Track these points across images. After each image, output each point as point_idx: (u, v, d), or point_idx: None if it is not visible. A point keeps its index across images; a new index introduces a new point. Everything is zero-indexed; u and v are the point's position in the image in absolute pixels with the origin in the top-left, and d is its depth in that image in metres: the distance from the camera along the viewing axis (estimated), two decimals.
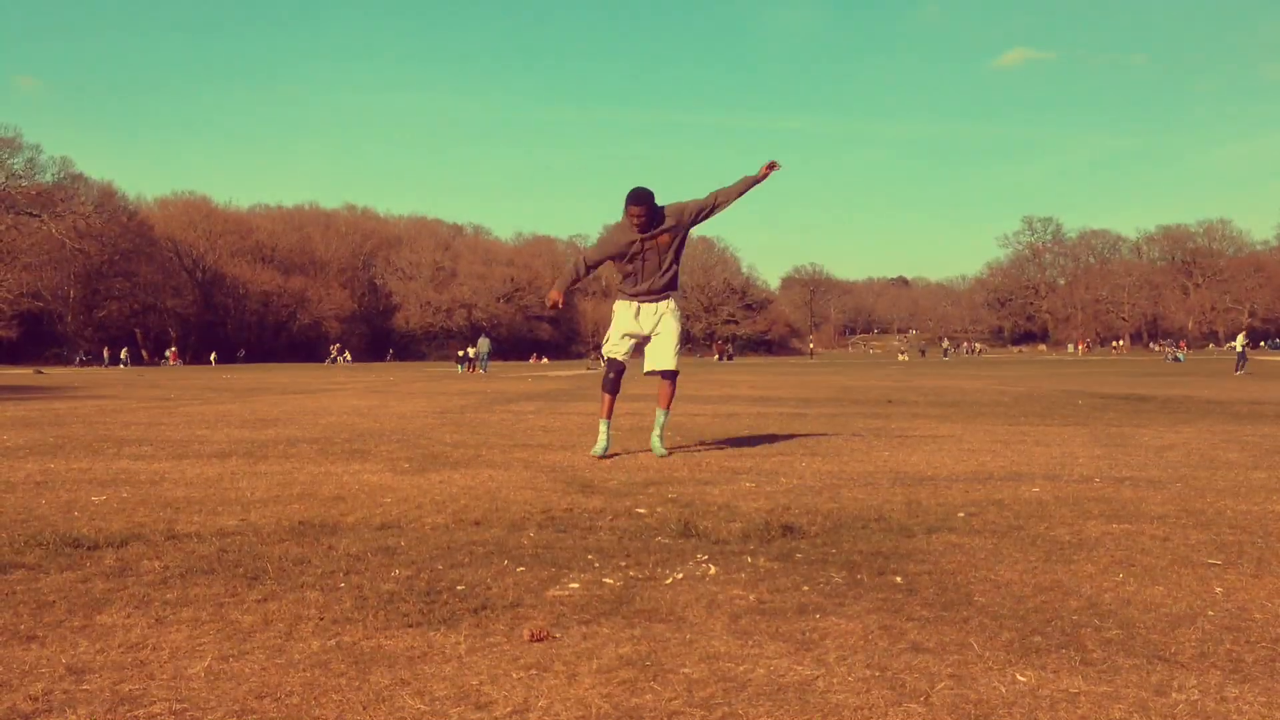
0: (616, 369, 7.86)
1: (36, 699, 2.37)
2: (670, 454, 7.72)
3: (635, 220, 7.50)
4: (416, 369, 50.55)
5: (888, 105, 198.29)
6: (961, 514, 4.99)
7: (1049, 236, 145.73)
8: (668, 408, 7.89)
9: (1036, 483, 6.12)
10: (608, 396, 7.84)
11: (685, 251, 7.93)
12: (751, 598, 3.34)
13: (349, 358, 77.44)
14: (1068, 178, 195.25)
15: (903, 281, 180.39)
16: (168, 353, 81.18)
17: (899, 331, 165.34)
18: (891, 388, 21.62)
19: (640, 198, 7.46)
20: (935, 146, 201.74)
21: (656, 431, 7.87)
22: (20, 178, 78.46)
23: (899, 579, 3.61)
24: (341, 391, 20.78)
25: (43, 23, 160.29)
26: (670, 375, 7.77)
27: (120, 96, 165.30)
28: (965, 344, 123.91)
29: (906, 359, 77.28)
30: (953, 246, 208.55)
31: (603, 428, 7.78)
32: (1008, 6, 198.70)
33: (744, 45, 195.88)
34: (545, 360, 76.02)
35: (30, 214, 77.39)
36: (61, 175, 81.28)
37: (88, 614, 3.10)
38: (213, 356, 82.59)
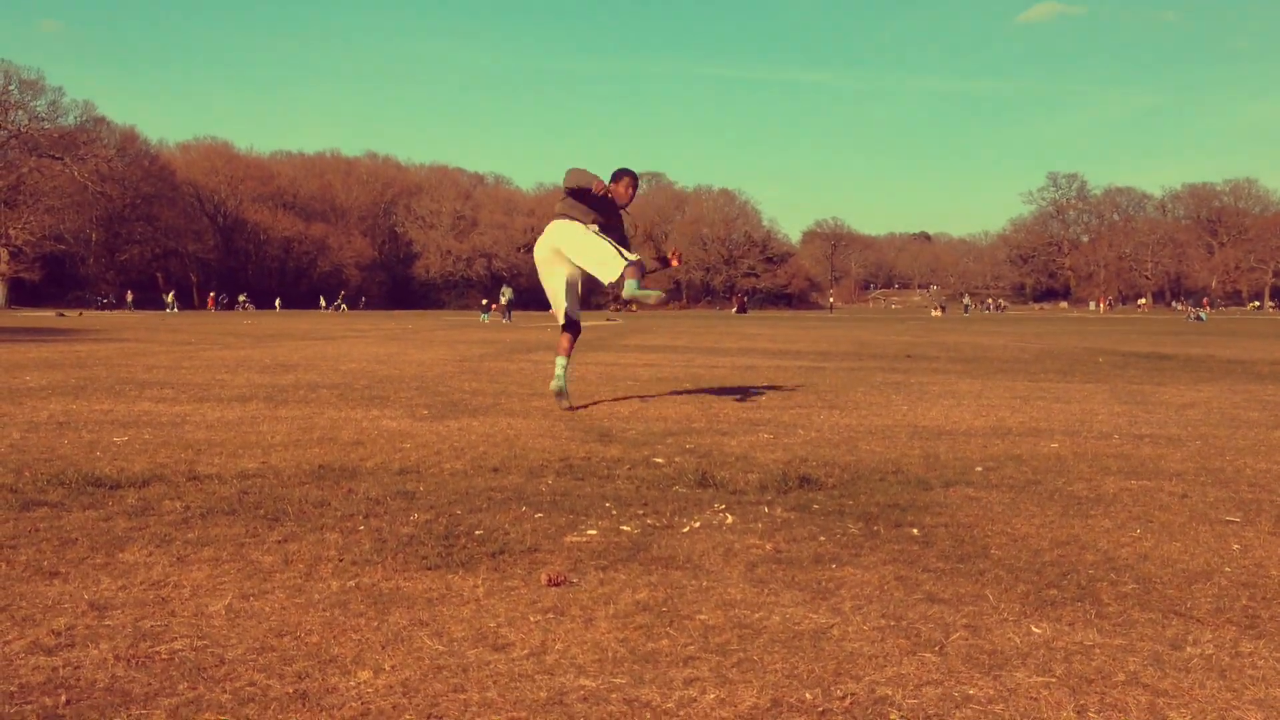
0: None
1: (59, 633, 2.41)
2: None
3: (628, 192, 7.75)
4: (436, 317, 50.64)
5: (912, 60, 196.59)
6: (979, 468, 4.99)
7: (1073, 193, 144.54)
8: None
9: (1055, 438, 6.11)
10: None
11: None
12: (768, 547, 3.35)
13: (344, 307, 77.30)
14: (1094, 134, 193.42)
15: (925, 237, 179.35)
16: (208, 298, 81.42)
17: (920, 287, 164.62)
18: (911, 342, 21.57)
19: (636, 181, 7.92)
20: (960, 101, 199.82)
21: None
22: (43, 120, 78.53)
23: (915, 531, 3.61)
24: (361, 338, 20.84)
25: None
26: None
27: (143, 40, 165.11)
28: (992, 300, 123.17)
29: (941, 314, 76.63)
30: (976, 202, 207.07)
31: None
32: None
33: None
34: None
35: (53, 157, 77.46)
36: (84, 118, 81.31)
37: (110, 552, 3.13)
38: (241, 298, 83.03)
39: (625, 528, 3.58)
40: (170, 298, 74.19)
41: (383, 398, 8.09)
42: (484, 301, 52.89)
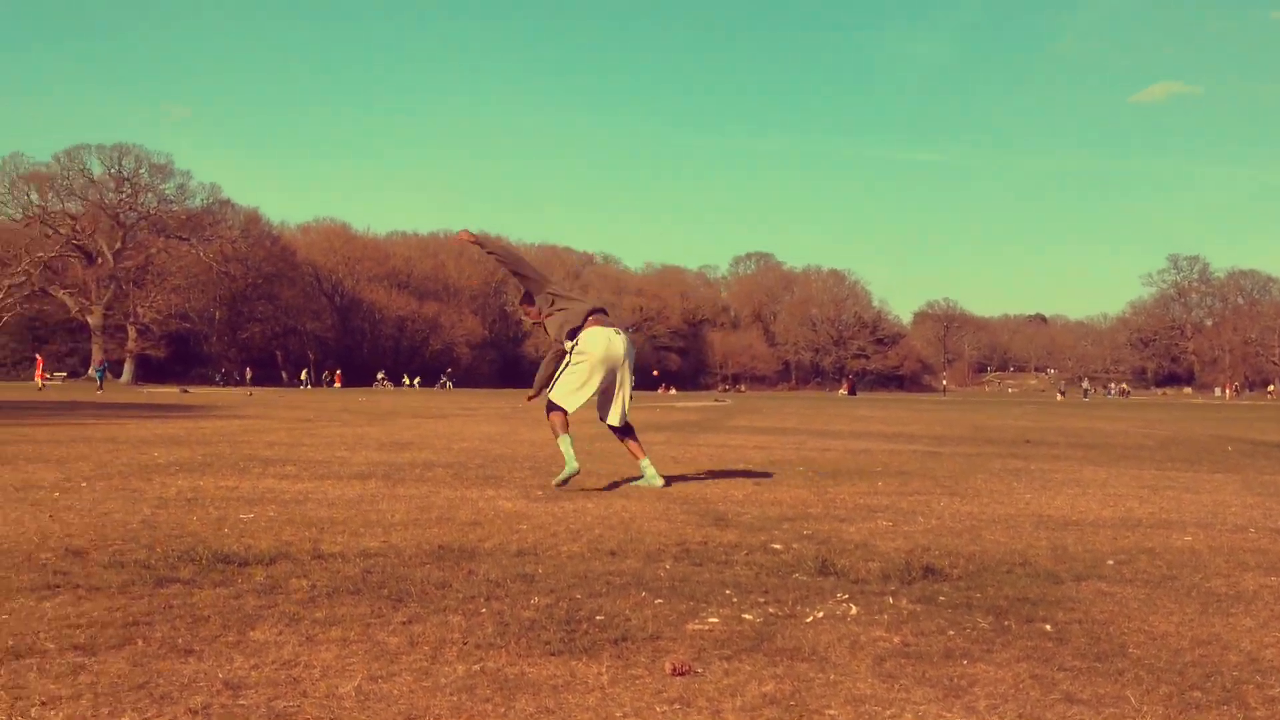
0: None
1: (196, 712, 2.44)
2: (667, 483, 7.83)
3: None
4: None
5: (1024, 138, 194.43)
6: (1110, 561, 4.84)
7: (1195, 275, 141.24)
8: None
9: (1188, 531, 5.90)
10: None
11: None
12: (896, 640, 3.28)
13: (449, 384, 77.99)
14: (1215, 215, 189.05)
15: (1040, 319, 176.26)
16: (335, 375, 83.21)
17: (1036, 370, 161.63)
18: (1029, 427, 21.12)
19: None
20: (1075, 181, 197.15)
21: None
22: (171, 202, 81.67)
23: (1048, 627, 3.50)
24: (472, 416, 21.10)
25: (194, 53, 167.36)
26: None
27: (266, 125, 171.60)
28: (1114, 384, 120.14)
29: (1062, 398, 75.08)
30: (1093, 284, 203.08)
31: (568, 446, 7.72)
32: (1150, 39, 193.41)
33: (875, 77, 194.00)
34: (673, 390, 76.10)
35: (180, 238, 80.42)
36: (210, 201, 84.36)
37: (241, 630, 3.18)
38: (380, 375, 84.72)
39: (747, 616, 3.54)
40: (304, 374, 76.00)
41: (497, 477, 8.15)
42: None
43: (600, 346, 7.58)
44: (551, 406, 7.76)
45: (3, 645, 2.94)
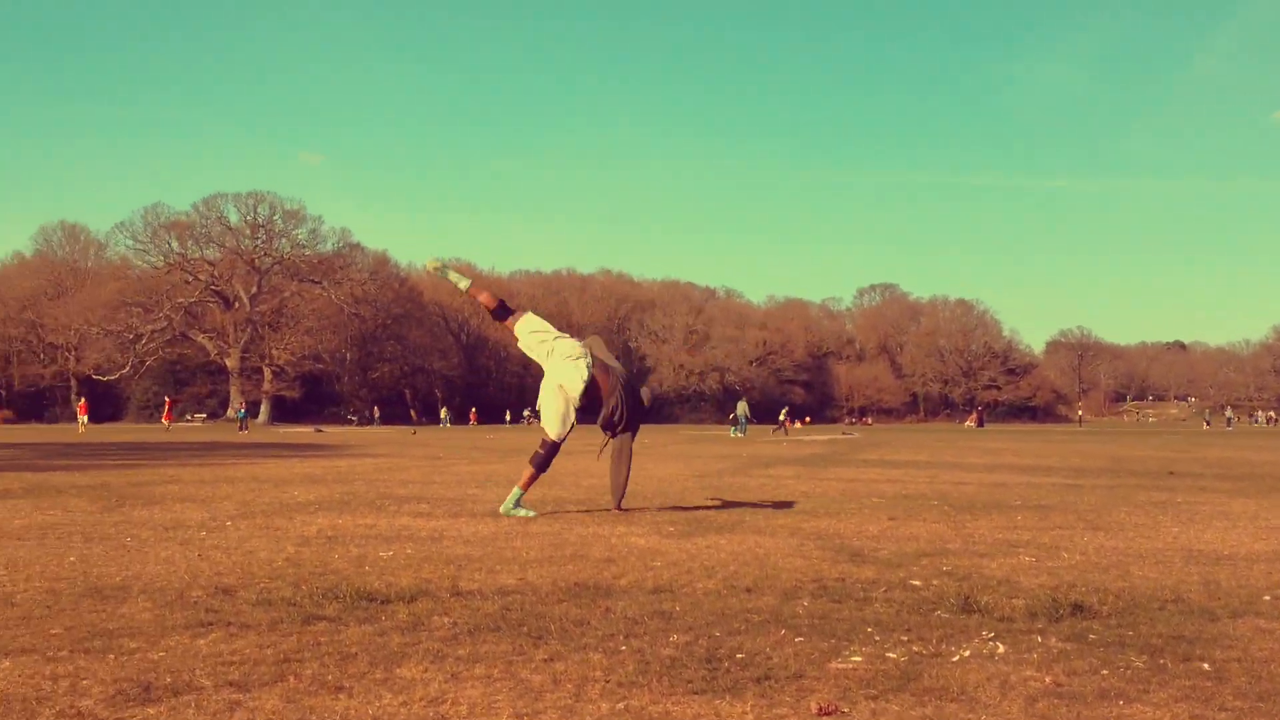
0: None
1: None
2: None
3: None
4: (670, 432, 51.14)
5: (1158, 163, 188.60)
6: (1267, 597, 4.64)
7: None
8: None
9: None
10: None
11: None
12: (1047, 679, 3.18)
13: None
14: None
15: (1179, 346, 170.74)
16: (470, 413, 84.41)
17: (1176, 399, 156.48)
18: (1171, 458, 20.44)
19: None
20: (1211, 204, 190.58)
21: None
22: (304, 247, 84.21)
23: (1206, 665, 3.37)
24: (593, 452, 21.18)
25: (325, 102, 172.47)
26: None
27: (394, 170, 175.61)
28: (1260, 411, 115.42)
29: (1207, 427, 72.54)
30: (1234, 309, 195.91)
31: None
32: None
33: (1003, 105, 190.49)
34: (799, 425, 75.51)
35: (312, 281, 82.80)
36: (341, 245, 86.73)
37: (388, 667, 3.23)
38: (508, 415, 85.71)
39: (891, 654, 3.47)
40: (444, 413, 77.24)
41: (628, 514, 8.16)
42: (731, 416, 51.88)
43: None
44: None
45: (162, 682, 3.03)
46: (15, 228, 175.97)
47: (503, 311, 8.39)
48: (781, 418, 53.13)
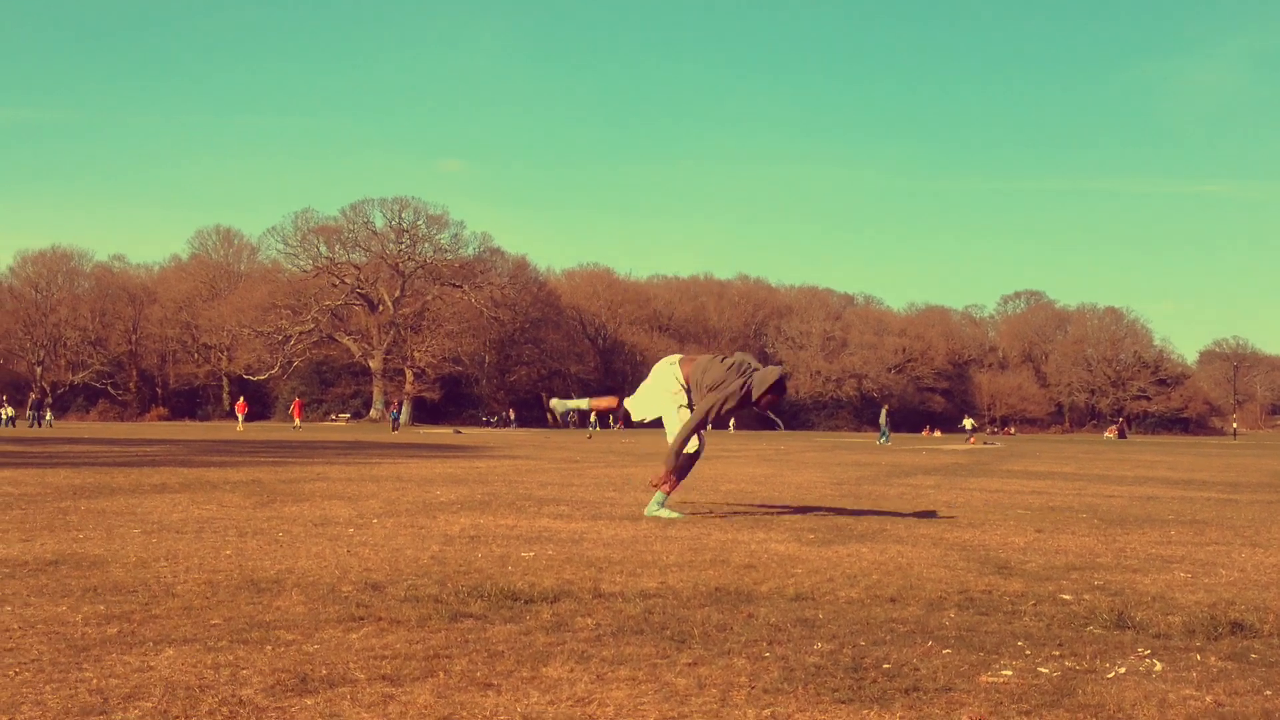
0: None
1: None
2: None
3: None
4: (806, 439, 50.76)
5: None
6: None
7: None
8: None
9: None
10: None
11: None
12: (1208, 699, 3.06)
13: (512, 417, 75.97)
14: None
15: None
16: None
17: None
18: None
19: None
20: None
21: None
22: (446, 252, 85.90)
23: None
24: (733, 459, 21.16)
25: (464, 108, 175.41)
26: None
27: (533, 176, 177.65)
28: None
29: None
30: None
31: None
32: None
33: (1155, 108, 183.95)
34: (938, 433, 74.21)
35: (454, 285, 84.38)
36: (481, 249, 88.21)
37: (534, 665, 3.27)
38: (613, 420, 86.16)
39: (1043, 669, 3.38)
40: (593, 416, 77.85)
41: (767, 520, 8.12)
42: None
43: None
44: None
45: (317, 674, 3.11)
46: (174, 232, 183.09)
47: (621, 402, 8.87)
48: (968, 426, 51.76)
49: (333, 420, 77.95)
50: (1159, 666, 3.46)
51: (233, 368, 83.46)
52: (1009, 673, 3.33)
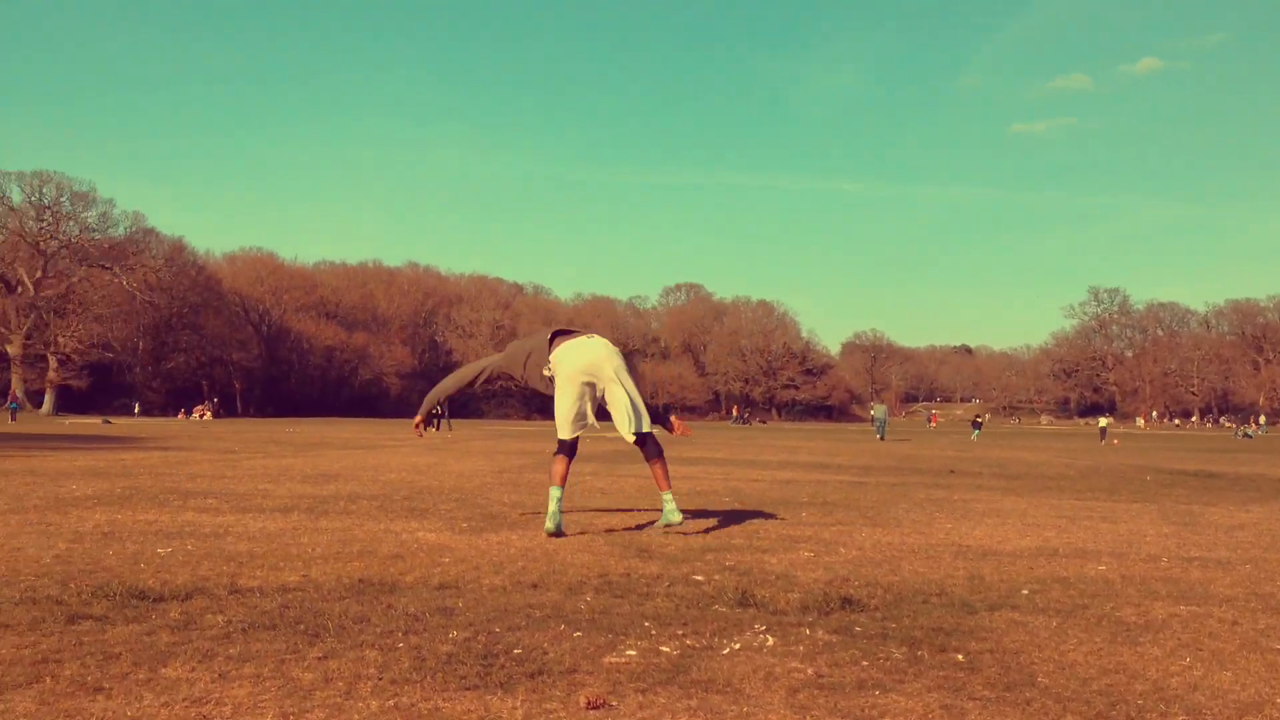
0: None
1: None
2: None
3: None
4: (474, 427, 50.81)
5: (939, 170, 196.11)
6: (1025, 591, 4.92)
7: (1115, 308, 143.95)
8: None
9: (1103, 560, 6.02)
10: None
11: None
12: (810, 671, 3.32)
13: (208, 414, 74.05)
14: (1134, 248, 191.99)
15: (966, 350, 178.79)
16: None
17: (962, 400, 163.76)
18: (954, 458, 21.40)
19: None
20: (996, 211, 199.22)
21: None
22: (93, 231, 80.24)
23: (960, 657, 3.56)
24: (400, 448, 20.93)
25: (112, 78, 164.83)
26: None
27: (189, 153, 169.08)
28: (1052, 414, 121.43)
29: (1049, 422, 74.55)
30: (1017, 315, 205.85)
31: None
32: (1050, 71, 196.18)
33: (784, 109, 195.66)
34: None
35: (102, 266, 79.01)
36: (134, 229, 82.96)
37: (153, 667, 3.14)
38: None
39: (665, 648, 3.56)
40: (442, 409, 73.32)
41: (422, 510, 8.10)
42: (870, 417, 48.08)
43: (569, 359, 7.00)
44: (558, 447, 7.15)
45: None
46: None
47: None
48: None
49: None
50: (771, 641, 3.71)
51: None
52: (633, 653, 3.48)
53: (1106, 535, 7.35)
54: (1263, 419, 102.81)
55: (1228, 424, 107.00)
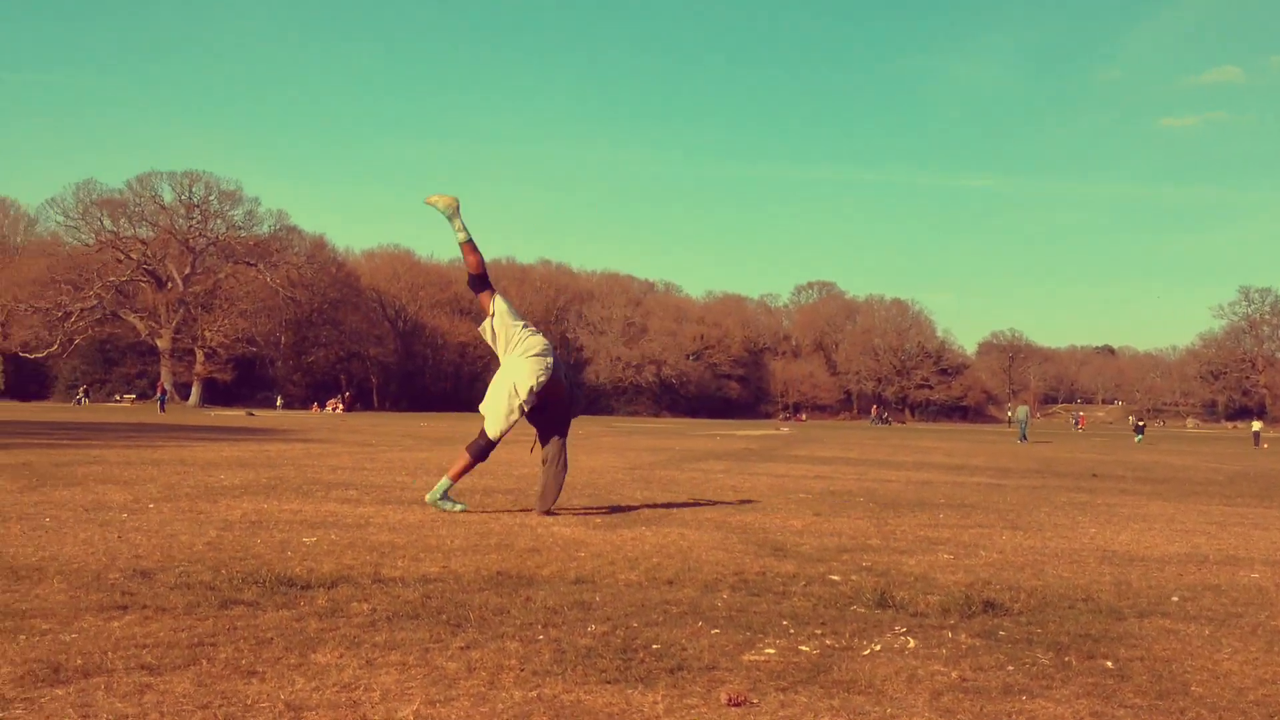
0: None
1: None
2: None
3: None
4: (603, 423, 51.19)
5: (1082, 165, 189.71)
6: (1175, 598, 4.76)
7: (1267, 308, 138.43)
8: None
9: (1255, 568, 5.79)
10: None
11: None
12: (954, 674, 3.25)
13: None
14: None
15: (1108, 350, 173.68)
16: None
17: (1104, 402, 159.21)
18: (1096, 461, 20.83)
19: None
20: (1141, 209, 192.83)
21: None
22: (239, 229, 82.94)
23: (1110, 664, 3.46)
24: (529, 442, 21.15)
25: (259, 80, 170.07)
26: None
27: (330, 152, 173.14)
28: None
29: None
30: (1162, 315, 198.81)
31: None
32: (1198, 63, 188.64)
33: (923, 104, 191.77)
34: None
35: (247, 263, 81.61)
36: (277, 227, 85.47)
37: (303, 652, 3.23)
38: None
39: (804, 647, 3.53)
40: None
41: (556, 504, 8.17)
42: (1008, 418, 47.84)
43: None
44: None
45: (72, 664, 3.01)
46: None
47: (482, 282, 7.84)
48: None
49: (117, 401, 74.49)
50: (913, 643, 3.65)
51: (8, 345, 78.74)
52: (771, 651, 3.46)
53: (1259, 542, 7.08)
54: None
55: None
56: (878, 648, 3.57)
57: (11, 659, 3.03)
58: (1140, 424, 51.87)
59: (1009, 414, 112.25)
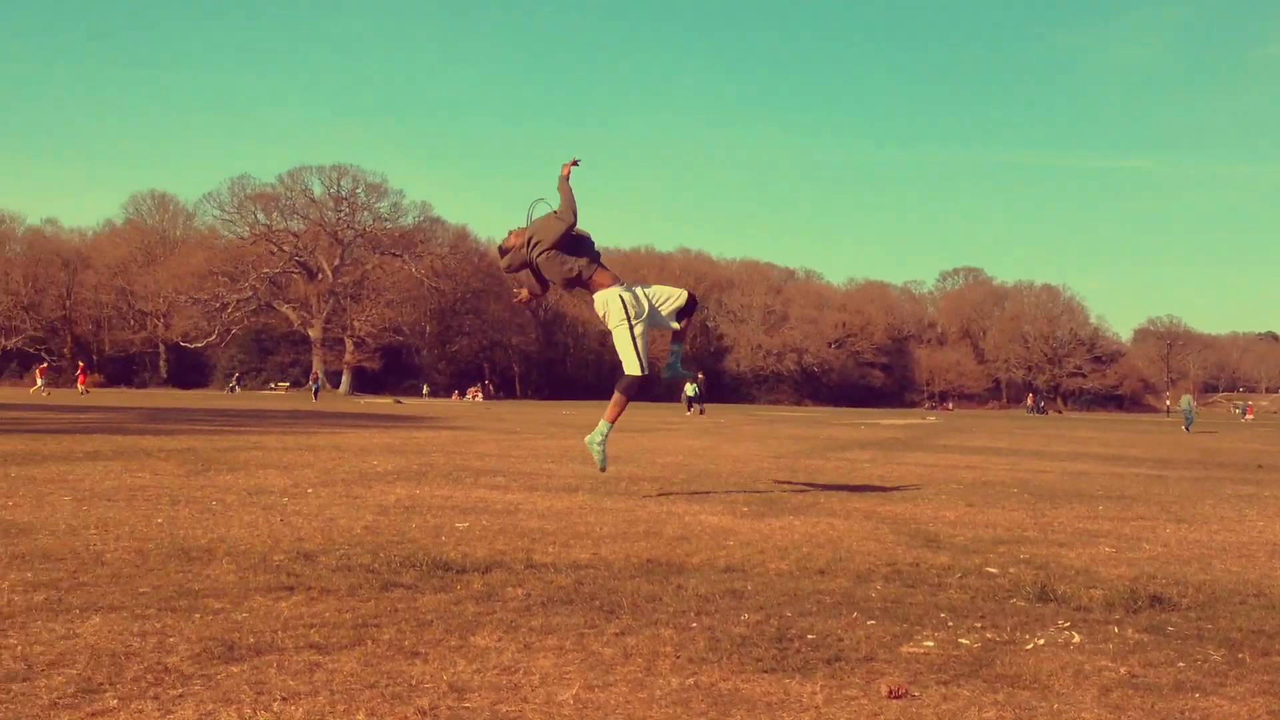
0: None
1: (424, 713, 2.54)
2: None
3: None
4: (744, 411, 51.04)
5: (1244, 145, 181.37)
6: None
7: None
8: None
9: None
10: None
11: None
12: (1122, 670, 3.15)
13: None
14: None
15: (1273, 337, 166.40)
16: None
17: (1268, 390, 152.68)
18: (1262, 450, 19.99)
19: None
20: None
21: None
22: (385, 220, 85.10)
23: None
24: (674, 431, 21.24)
25: (406, 76, 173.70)
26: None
27: (472, 144, 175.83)
28: None
29: None
30: None
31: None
32: None
33: (1078, 82, 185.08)
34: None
35: (393, 254, 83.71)
36: (421, 219, 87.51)
37: (463, 635, 3.29)
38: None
39: (964, 640, 3.45)
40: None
41: (702, 492, 8.18)
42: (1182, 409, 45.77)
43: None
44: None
45: (244, 642, 3.11)
46: (108, 196, 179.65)
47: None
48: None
49: (272, 389, 77.16)
50: (1077, 638, 3.55)
51: (170, 335, 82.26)
52: (930, 644, 3.40)
53: None
54: None
55: None
56: (1041, 642, 3.47)
57: (188, 637, 3.15)
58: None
59: (1167, 403, 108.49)
